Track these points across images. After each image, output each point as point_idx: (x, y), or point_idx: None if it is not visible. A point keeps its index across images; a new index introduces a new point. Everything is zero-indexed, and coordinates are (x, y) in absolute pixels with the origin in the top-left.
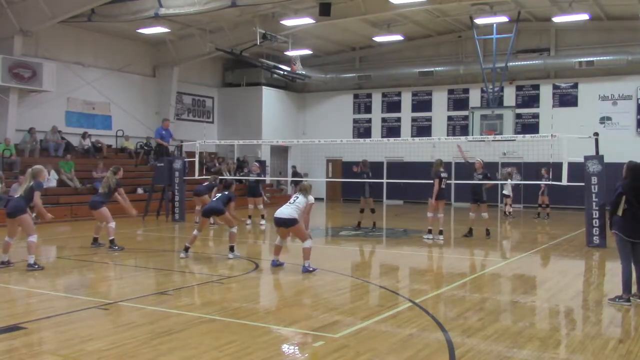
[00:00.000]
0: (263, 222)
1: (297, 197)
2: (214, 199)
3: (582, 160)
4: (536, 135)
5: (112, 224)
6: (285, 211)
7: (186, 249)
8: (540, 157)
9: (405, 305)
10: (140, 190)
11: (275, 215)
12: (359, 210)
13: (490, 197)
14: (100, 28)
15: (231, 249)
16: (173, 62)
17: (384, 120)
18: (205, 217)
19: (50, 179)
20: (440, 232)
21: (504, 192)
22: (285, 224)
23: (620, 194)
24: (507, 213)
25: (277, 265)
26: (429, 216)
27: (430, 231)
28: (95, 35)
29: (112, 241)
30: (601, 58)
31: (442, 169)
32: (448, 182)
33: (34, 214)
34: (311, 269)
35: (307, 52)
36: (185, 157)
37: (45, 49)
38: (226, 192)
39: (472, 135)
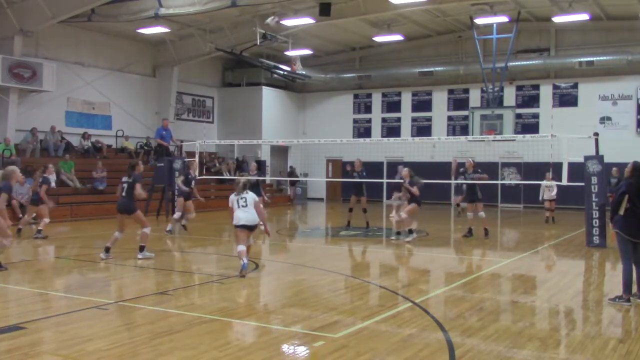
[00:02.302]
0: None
1: (246, 199)
2: (123, 193)
3: (582, 160)
4: (536, 135)
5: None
6: (247, 217)
7: (107, 250)
8: (540, 157)
9: (405, 305)
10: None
11: (239, 223)
12: (348, 210)
13: (490, 197)
14: (100, 28)
15: (141, 249)
16: (173, 62)
17: (384, 120)
18: (120, 214)
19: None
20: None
21: (545, 196)
22: (251, 229)
23: (623, 193)
24: (549, 219)
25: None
26: (405, 217)
27: (410, 231)
28: (95, 35)
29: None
30: (601, 58)
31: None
32: (448, 182)
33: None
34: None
35: (307, 52)
36: (185, 157)
37: (45, 49)
38: (129, 178)
39: (472, 135)
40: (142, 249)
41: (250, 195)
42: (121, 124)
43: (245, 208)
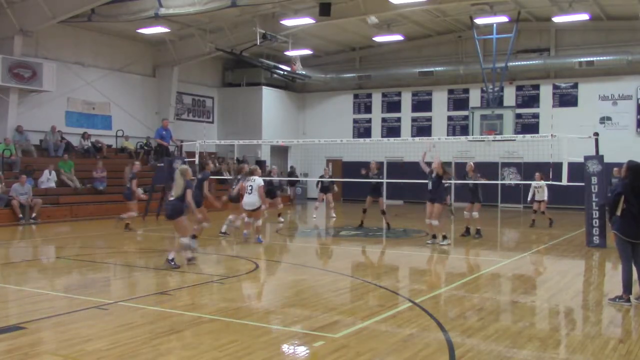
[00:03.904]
0: (282, 219)
1: (252, 186)
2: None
3: (582, 160)
4: (536, 135)
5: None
6: (247, 202)
7: (194, 237)
8: (540, 157)
9: (405, 305)
10: (140, 190)
11: (244, 206)
12: (362, 210)
13: (490, 197)
14: (100, 28)
15: (193, 236)
16: (173, 62)
17: (384, 120)
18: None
19: (50, 180)
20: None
21: (536, 197)
22: (253, 210)
23: (619, 194)
24: (535, 222)
25: (248, 236)
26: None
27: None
28: (95, 35)
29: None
30: (601, 58)
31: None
32: (449, 182)
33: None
34: (261, 241)
35: (307, 52)
36: (185, 157)
37: (45, 49)
38: (199, 176)
39: (472, 135)
40: (193, 236)
41: (256, 182)
42: (121, 124)
43: (250, 195)
